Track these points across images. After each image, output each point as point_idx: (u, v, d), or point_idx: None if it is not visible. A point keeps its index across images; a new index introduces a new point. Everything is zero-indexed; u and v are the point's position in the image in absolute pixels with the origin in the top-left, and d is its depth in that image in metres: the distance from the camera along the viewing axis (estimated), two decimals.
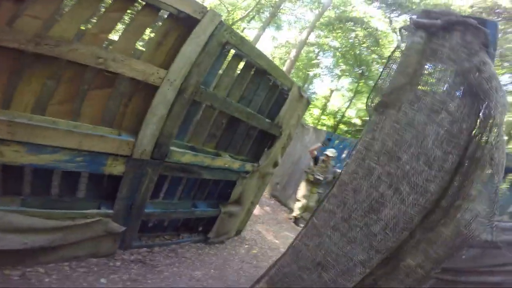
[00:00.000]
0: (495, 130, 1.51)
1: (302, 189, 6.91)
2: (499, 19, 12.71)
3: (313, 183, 6.79)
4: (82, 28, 2.31)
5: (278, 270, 2.13)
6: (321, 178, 6.66)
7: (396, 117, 1.73)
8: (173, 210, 3.37)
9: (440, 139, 1.62)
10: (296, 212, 6.94)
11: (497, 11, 12.59)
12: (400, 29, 1.89)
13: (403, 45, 1.87)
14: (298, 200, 6.93)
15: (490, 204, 1.54)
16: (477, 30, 1.60)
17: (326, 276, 1.83)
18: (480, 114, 1.57)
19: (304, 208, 6.88)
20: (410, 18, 1.83)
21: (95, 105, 2.45)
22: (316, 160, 6.81)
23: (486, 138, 1.53)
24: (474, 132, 1.60)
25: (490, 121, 1.52)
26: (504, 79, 15.51)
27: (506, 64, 13.82)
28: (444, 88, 1.65)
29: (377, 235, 1.72)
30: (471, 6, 12.87)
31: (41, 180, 2.46)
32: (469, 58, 1.59)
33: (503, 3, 12.35)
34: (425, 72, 1.73)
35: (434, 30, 1.73)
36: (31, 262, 2.32)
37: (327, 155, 6.65)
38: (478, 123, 1.59)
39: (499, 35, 13.50)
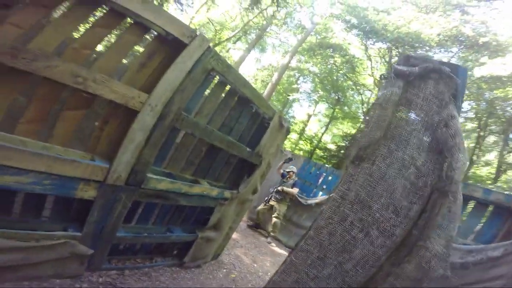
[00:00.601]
0: (454, 185, 1.73)
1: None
2: (461, 47, 13.58)
3: (279, 196, 7.56)
4: (65, 42, 2.18)
5: None
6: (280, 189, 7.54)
7: (370, 171, 1.92)
8: (147, 235, 3.22)
9: (407, 192, 1.83)
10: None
11: (460, 39, 13.46)
12: (380, 77, 1.99)
13: (380, 95, 1.99)
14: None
15: (446, 246, 1.78)
16: (449, 79, 1.76)
17: None
18: (443, 170, 1.78)
19: (262, 214, 7.73)
20: (392, 66, 1.94)
21: (68, 126, 2.32)
22: (283, 176, 7.75)
23: (446, 191, 1.75)
24: (436, 185, 1.81)
25: (450, 177, 1.74)
26: (464, 105, 16.44)
27: (466, 92, 14.59)
28: (415, 142, 1.83)
29: (349, 272, 1.92)
30: (438, 34, 13.69)
31: (3, 199, 2.27)
32: (439, 110, 1.78)
33: (466, 31, 13.23)
34: (399, 124, 1.89)
35: (412, 78, 1.87)
36: None
37: (289, 172, 7.67)
38: (440, 178, 1.79)
39: (461, 63, 14.40)
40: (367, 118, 2.00)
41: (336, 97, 21.76)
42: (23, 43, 1.89)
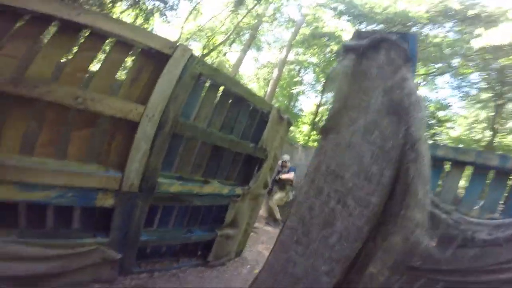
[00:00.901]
0: (416, 145, 1.70)
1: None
2: (454, 21, 13.46)
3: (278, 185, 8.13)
4: (58, 67, 2.41)
5: (257, 285, 2.24)
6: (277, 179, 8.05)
7: (336, 141, 1.93)
8: (169, 237, 3.47)
9: (376, 157, 1.80)
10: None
11: (449, 13, 13.36)
12: (335, 55, 2.06)
13: (332, 70, 2.05)
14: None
15: (423, 214, 1.71)
16: (398, 46, 1.80)
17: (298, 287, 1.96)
18: (402, 129, 1.75)
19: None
20: (342, 44, 2.02)
21: (81, 144, 2.57)
22: (282, 167, 8.23)
23: (409, 150, 1.72)
24: (401, 146, 1.77)
25: (410, 135, 1.71)
26: (473, 77, 16.19)
27: (471, 64, 14.49)
28: (374, 108, 1.83)
29: (334, 246, 1.88)
30: (427, 11, 13.62)
31: (38, 214, 2.56)
32: (392, 75, 1.79)
33: (453, 5, 13.13)
34: (357, 94, 1.90)
35: (363, 50, 1.91)
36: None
37: (284, 161, 8.22)
38: (402, 138, 1.76)
39: (458, 37, 14.24)
40: (325, 94, 2.09)
41: (322, 85, 21.56)
42: (21, 72, 2.12)
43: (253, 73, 24.77)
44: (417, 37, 1.90)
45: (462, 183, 2.97)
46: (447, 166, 2.95)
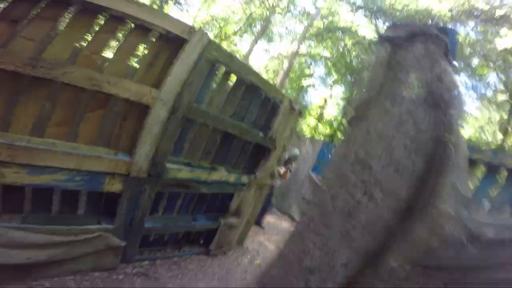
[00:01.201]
0: (455, 139, 1.63)
1: None
2: (478, 21, 13.16)
3: None
4: (75, 50, 2.37)
5: (268, 276, 2.19)
6: None
7: (367, 129, 1.85)
8: (173, 224, 3.43)
9: (409, 148, 1.72)
10: None
11: (475, 13, 13.04)
12: (369, 44, 2.00)
13: (368, 59, 1.99)
14: None
15: (459, 207, 1.67)
16: (437, 39, 1.74)
17: (312, 279, 1.89)
18: (442, 122, 1.67)
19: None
20: (377, 33, 1.95)
21: (92, 126, 2.53)
22: None
23: (449, 145, 1.64)
24: (438, 139, 1.69)
25: (450, 127, 1.64)
26: (490, 78, 15.89)
27: (491, 64, 14.21)
28: (410, 99, 1.75)
29: (356, 239, 1.80)
30: (450, 10, 13.32)
31: (42, 198, 2.54)
32: (431, 68, 1.72)
33: (479, 5, 12.81)
34: (392, 84, 1.83)
35: (399, 42, 1.85)
36: (36, 275, 2.39)
37: None
38: (440, 131, 1.68)
39: (481, 37, 13.94)
40: (358, 82, 2.03)
41: (353, 79, 21.36)
42: (39, 54, 2.09)
43: (263, 64, 24.56)
44: (456, 31, 1.82)
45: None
46: None
